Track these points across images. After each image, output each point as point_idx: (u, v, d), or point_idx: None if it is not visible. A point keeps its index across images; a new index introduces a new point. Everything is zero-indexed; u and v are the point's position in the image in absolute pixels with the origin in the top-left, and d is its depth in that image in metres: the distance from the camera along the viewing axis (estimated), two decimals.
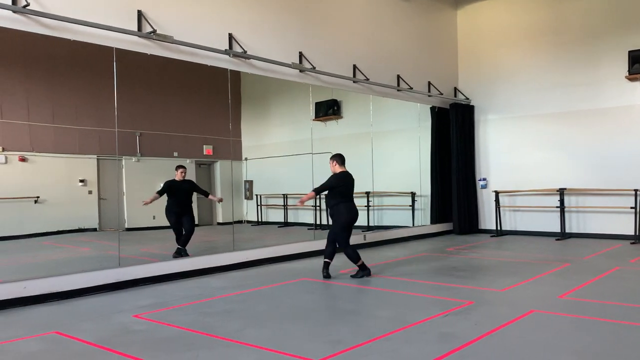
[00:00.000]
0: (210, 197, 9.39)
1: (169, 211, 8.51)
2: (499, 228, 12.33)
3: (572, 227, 11.61)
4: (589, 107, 11.42)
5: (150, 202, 8.21)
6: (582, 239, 11.20)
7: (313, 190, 7.11)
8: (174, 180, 8.52)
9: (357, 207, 7.20)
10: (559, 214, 11.50)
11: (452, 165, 12.70)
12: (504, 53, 12.69)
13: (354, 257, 7.10)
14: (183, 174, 8.55)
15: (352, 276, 7.15)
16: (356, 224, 7.27)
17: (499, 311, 5.35)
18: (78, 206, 9.85)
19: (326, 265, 7.19)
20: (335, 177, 7.15)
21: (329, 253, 7.19)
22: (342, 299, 6.14)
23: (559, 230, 11.52)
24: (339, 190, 7.07)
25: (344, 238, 7.10)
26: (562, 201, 11.39)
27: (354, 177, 7.26)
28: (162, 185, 8.43)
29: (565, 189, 11.42)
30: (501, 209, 12.44)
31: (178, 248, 8.24)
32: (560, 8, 11.87)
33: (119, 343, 4.50)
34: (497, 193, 12.36)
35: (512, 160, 12.49)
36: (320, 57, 9.73)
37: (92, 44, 6.69)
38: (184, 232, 8.42)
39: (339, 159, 7.24)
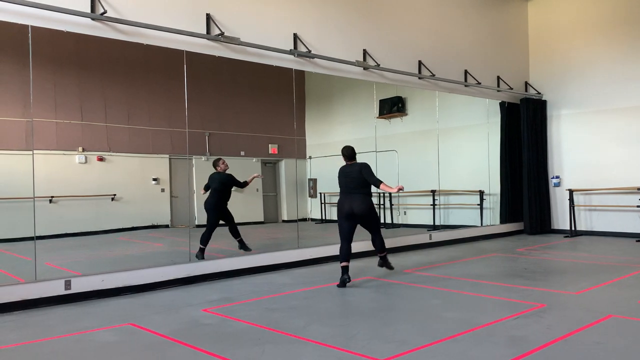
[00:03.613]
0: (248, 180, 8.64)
1: (213, 206, 8.13)
2: (573, 228, 11.77)
3: None
4: None
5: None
6: None
7: None
8: (217, 172, 8.28)
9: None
10: (639, 214, 10.85)
11: (523, 162, 12.25)
12: (577, 45, 12.10)
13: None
14: (224, 164, 8.27)
15: (380, 261, 7.29)
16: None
17: (574, 315, 5.10)
18: (151, 203, 10.25)
19: (344, 270, 6.65)
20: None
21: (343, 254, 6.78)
22: (407, 299, 6.06)
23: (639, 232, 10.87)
24: (339, 184, 7.04)
25: (341, 231, 6.91)
26: None
27: (358, 166, 6.85)
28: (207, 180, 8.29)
29: None
30: (575, 208, 11.87)
31: (240, 242, 8.24)
32: None
33: (189, 336, 4.66)
34: (571, 192, 11.80)
35: (587, 157, 11.89)
36: (384, 54, 9.65)
37: (164, 47, 6.97)
38: (229, 222, 8.23)
39: (344, 151, 7.07)
